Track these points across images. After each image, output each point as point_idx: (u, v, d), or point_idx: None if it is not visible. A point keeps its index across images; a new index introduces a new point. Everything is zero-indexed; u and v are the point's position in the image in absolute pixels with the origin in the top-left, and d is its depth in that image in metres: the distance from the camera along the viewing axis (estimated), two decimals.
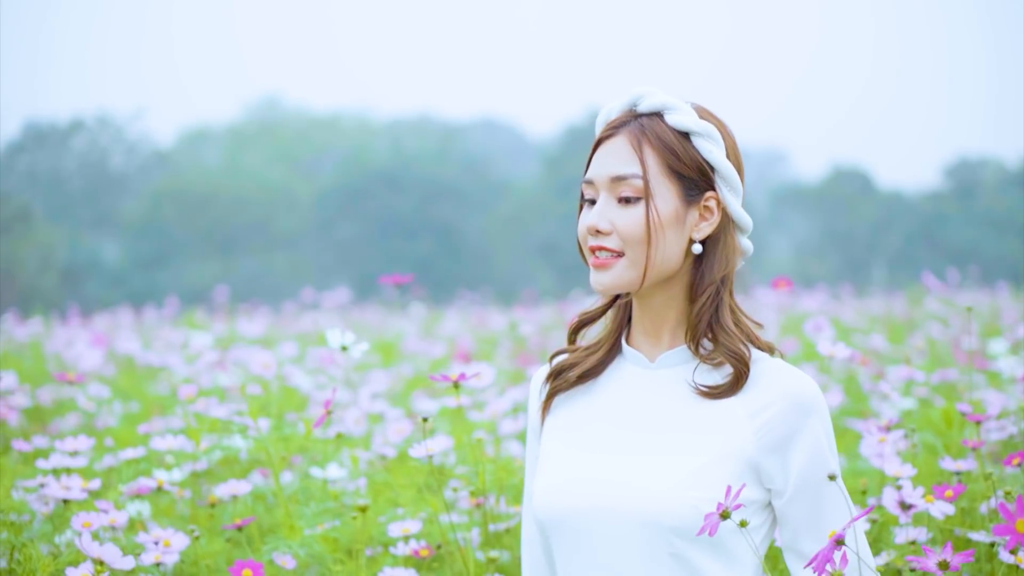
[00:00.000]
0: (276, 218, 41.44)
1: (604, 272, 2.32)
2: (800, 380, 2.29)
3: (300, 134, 49.43)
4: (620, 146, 2.33)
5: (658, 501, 2.23)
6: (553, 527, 2.33)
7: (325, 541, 3.15)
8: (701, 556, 2.23)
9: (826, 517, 2.26)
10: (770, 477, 2.27)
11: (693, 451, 2.26)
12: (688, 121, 2.32)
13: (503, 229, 41.12)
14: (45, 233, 35.64)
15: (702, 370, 2.33)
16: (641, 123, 2.34)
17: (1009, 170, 44.91)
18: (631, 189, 2.30)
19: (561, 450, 2.37)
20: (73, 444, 3.57)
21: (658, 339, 2.37)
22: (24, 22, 74.12)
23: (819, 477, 2.25)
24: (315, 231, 41.61)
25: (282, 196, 42.49)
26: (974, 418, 3.28)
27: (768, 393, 2.28)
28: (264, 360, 4.01)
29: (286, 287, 30.20)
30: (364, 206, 41.45)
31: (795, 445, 2.25)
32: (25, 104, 76.32)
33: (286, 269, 38.34)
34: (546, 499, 2.34)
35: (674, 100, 2.34)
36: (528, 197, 42.44)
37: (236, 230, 40.71)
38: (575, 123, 44.65)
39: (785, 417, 2.26)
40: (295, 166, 46.47)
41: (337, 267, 39.35)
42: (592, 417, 2.38)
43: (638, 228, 2.29)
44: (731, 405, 2.29)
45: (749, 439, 2.26)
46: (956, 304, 11.33)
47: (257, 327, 8.99)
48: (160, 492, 3.58)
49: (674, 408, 2.31)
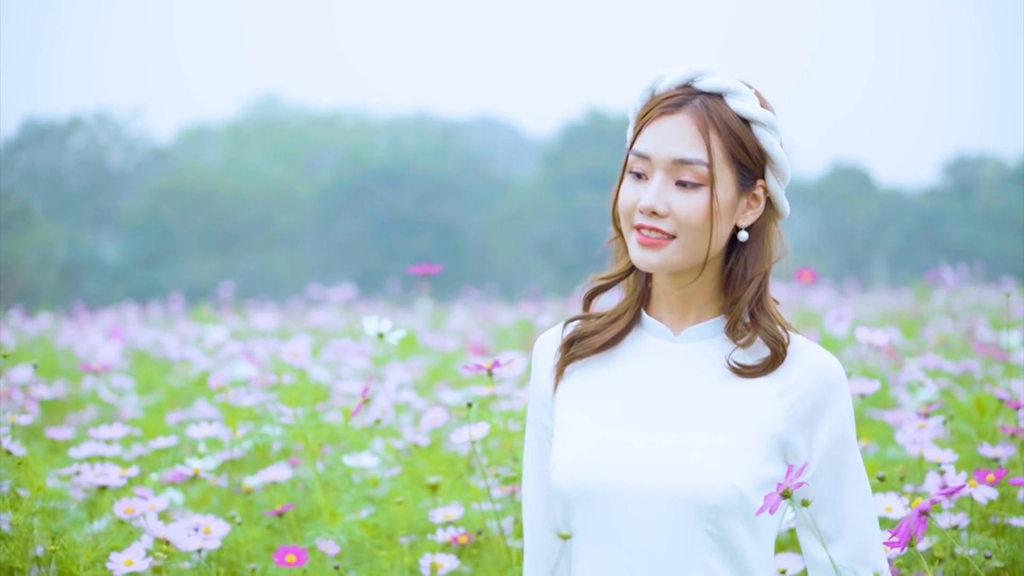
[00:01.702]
0: (275, 216, 41.40)
1: (653, 251, 2.27)
2: (825, 357, 2.29)
3: (299, 132, 49.41)
4: (684, 126, 2.27)
5: (698, 480, 2.22)
6: (579, 499, 2.28)
7: (365, 527, 3.15)
8: (737, 534, 2.23)
9: (845, 495, 2.26)
10: (795, 454, 2.27)
11: (727, 430, 2.25)
12: (753, 109, 2.28)
13: (503, 227, 41.11)
14: (44, 231, 35.57)
15: (731, 348, 2.32)
16: (706, 104, 2.27)
17: (1008, 167, 44.96)
18: (693, 175, 2.25)
19: (583, 421, 2.33)
20: (108, 432, 3.57)
21: (684, 314, 2.35)
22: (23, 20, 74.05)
23: (842, 454, 2.26)
24: (315, 229, 41.58)
25: (281, 194, 42.46)
26: (1013, 404, 3.28)
27: (797, 370, 2.28)
28: (294, 349, 4.00)
29: (286, 285, 30.22)
30: (364, 204, 41.43)
31: (822, 421, 2.26)
32: (24, 102, 76.32)
33: (286, 267, 38.30)
34: (571, 470, 2.29)
35: (738, 83, 2.29)
36: (527, 195, 42.45)
37: (236, 228, 40.68)
38: (574, 121, 44.68)
39: (814, 393, 2.26)
40: (295, 164, 46.45)
41: (337, 265, 39.31)
42: (614, 389, 2.34)
43: (698, 215, 2.26)
44: (760, 383, 2.28)
45: (780, 416, 2.26)
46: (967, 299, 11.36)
47: (269, 321, 8.98)
48: (195, 480, 3.58)
49: (702, 384, 2.30)
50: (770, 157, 2.31)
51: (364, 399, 3.14)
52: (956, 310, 10.06)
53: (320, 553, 3.12)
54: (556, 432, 2.36)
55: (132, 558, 2.82)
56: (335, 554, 3.07)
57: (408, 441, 3.82)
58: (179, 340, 7.64)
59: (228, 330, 7.58)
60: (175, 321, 11.47)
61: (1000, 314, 10.15)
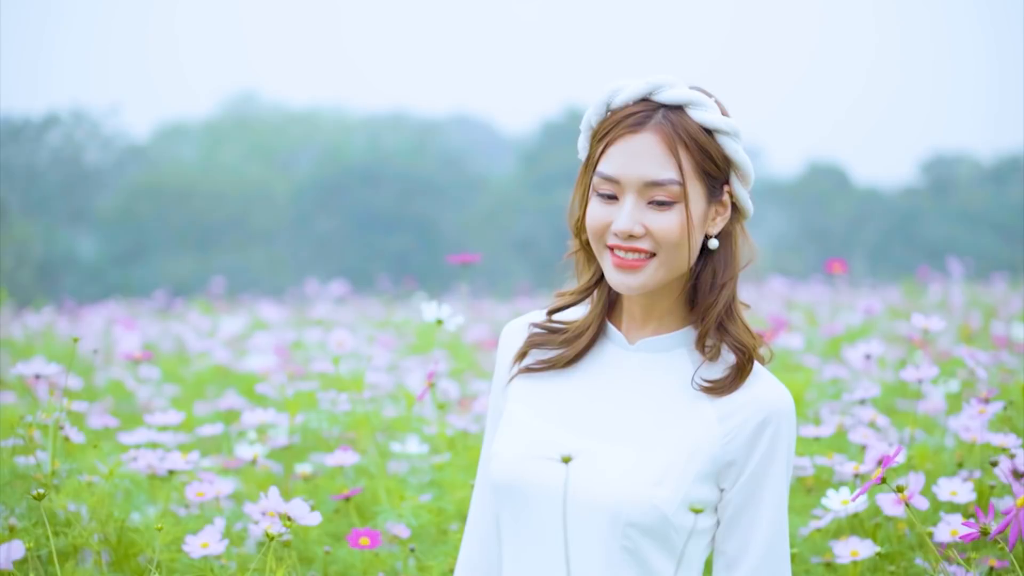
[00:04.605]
0: (253, 213, 41.31)
1: (633, 275, 2.24)
2: (775, 388, 2.25)
3: (277, 129, 49.32)
4: (651, 145, 2.21)
5: (619, 494, 2.18)
6: (506, 495, 2.28)
7: (431, 511, 3.16)
8: (653, 553, 2.19)
9: (757, 521, 2.22)
10: (726, 478, 2.23)
11: (659, 446, 2.22)
12: (716, 119, 2.23)
13: (480, 224, 41.11)
14: (20, 228, 35.41)
15: (692, 363, 2.28)
16: (670, 119, 2.22)
17: (984, 166, 45.24)
18: (666, 194, 2.21)
19: (527, 417, 2.31)
20: (163, 418, 3.57)
21: (644, 324, 2.32)
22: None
23: (761, 481, 2.22)
24: (292, 226, 41.51)
25: (259, 191, 42.37)
26: None
27: (742, 397, 2.24)
28: (339, 338, 4.00)
29: (264, 282, 30.14)
30: (341, 201, 41.39)
31: (755, 449, 2.21)
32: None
33: (263, 264, 38.22)
34: (504, 465, 2.28)
35: (697, 94, 2.24)
36: (505, 193, 42.47)
37: (213, 225, 40.58)
38: (551, 119, 44.70)
39: (754, 422, 2.22)
40: (272, 161, 46.36)
41: (314, 262, 39.23)
42: (562, 390, 2.32)
43: (674, 232, 2.21)
44: (703, 405, 2.24)
45: (716, 441, 2.22)
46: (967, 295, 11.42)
47: (276, 315, 8.98)
48: (249, 466, 3.59)
49: (647, 397, 2.27)
50: (736, 164, 2.27)
51: (429, 383, 3.16)
52: (955, 305, 10.10)
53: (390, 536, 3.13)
54: (502, 422, 2.36)
55: (208, 540, 2.83)
56: (407, 537, 3.08)
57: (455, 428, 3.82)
58: (195, 332, 7.63)
59: (242, 323, 7.58)
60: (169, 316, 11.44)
61: (996, 309, 10.22)
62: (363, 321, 10.45)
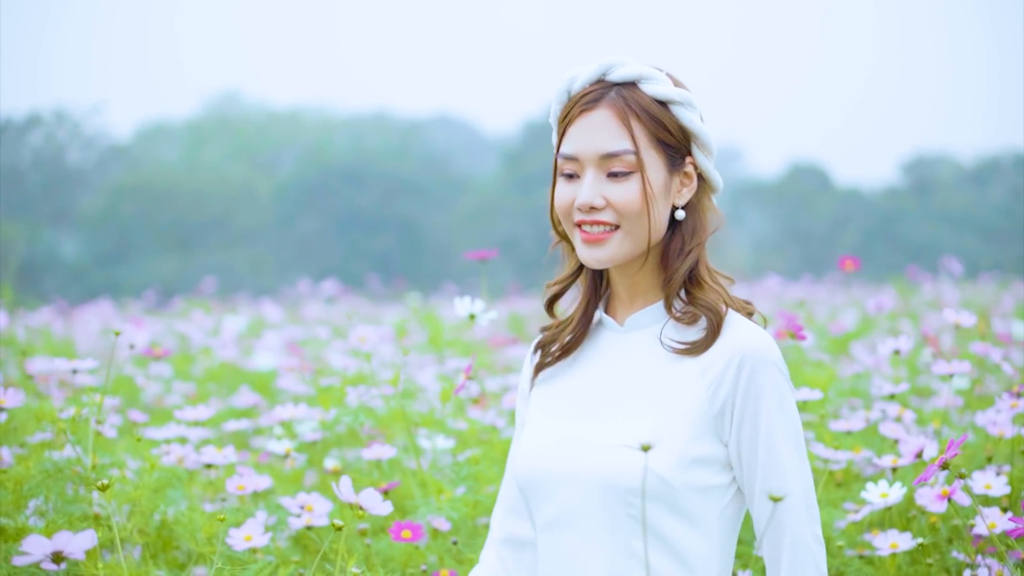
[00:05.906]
0: (235, 213, 41.23)
1: (600, 247, 2.32)
2: (748, 334, 2.29)
3: (259, 129, 49.22)
4: (604, 119, 2.30)
5: (612, 463, 2.24)
6: (528, 490, 2.37)
7: (467, 504, 3.17)
8: (665, 519, 2.24)
9: (773, 460, 2.24)
10: (723, 429, 2.27)
11: (651, 412, 2.27)
12: (668, 90, 2.32)
13: (463, 225, 41.11)
14: (2, 229, 35.28)
15: (672, 328, 2.34)
16: (622, 94, 2.31)
17: (965, 167, 45.39)
18: (623, 164, 2.29)
19: (542, 418, 2.40)
20: (193, 413, 3.58)
21: (631, 303, 2.40)
22: None
23: (760, 422, 2.25)
24: (275, 226, 41.44)
25: (241, 191, 42.29)
26: None
27: (717, 347, 2.29)
28: (361, 334, 4.01)
29: (248, 282, 30.09)
30: (324, 201, 41.34)
31: (738, 394, 2.25)
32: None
33: (246, 264, 38.14)
34: (522, 463, 2.38)
35: (649, 69, 2.33)
36: (487, 193, 42.48)
37: (195, 225, 40.48)
38: (534, 120, 44.71)
39: (731, 369, 2.26)
40: (254, 161, 46.28)
41: (297, 262, 39.17)
42: (569, 385, 2.41)
43: (634, 202, 2.29)
44: (687, 365, 2.29)
45: (702, 395, 2.27)
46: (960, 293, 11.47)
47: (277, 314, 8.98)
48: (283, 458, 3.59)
49: (639, 371, 2.33)
50: (693, 133, 2.34)
51: (468, 376, 3.17)
52: (949, 304, 10.14)
53: (432, 529, 3.14)
54: (523, 429, 2.47)
55: (251, 533, 2.84)
56: (447, 531, 3.10)
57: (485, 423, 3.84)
58: (200, 330, 7.62)
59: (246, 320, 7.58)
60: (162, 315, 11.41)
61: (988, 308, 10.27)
62: (356, 320, 10.45)
